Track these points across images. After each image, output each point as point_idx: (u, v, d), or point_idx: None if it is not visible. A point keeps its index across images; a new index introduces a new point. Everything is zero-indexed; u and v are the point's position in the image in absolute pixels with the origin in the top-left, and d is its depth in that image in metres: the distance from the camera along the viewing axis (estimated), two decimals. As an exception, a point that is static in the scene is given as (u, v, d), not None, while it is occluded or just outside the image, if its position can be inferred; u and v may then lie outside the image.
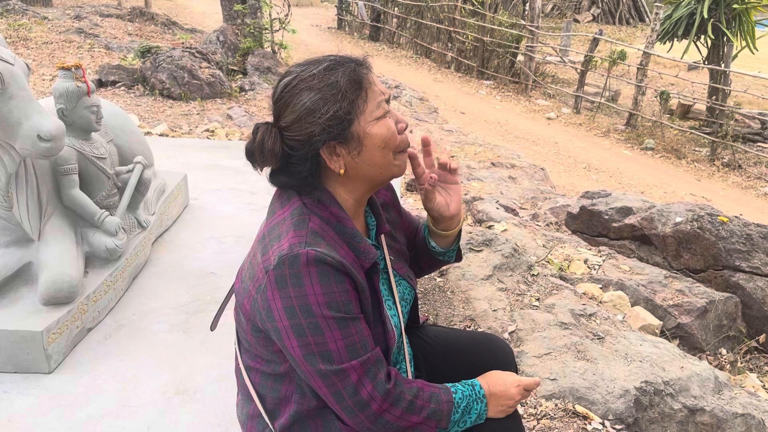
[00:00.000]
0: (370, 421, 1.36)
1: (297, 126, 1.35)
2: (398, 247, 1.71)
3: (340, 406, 1.35)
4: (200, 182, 3.67)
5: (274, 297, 1.30)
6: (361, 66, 1.39)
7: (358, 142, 1.36)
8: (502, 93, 14.40)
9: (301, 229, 1.33)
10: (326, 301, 1.29)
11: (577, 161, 10.55)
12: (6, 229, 2.24)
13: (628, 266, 4.01)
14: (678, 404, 2.76)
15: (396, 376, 1.40)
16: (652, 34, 12.10)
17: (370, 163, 1.39)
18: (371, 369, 1.35)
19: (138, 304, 2.55)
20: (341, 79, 1.34)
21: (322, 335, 1.29)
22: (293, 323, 1.29)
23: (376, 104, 1.37)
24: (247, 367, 1.54)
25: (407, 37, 17.98)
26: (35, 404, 2.02)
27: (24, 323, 2.11)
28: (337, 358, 1.31)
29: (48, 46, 9.66)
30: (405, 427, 1.38)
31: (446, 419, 1.42)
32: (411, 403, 1.38)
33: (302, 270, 1.27)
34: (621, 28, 25.03)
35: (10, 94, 1.98)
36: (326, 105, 1.33)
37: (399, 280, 1.64)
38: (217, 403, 2.06)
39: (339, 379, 1.32)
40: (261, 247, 1.38)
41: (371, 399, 1.34)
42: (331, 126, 1.33)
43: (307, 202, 1.40)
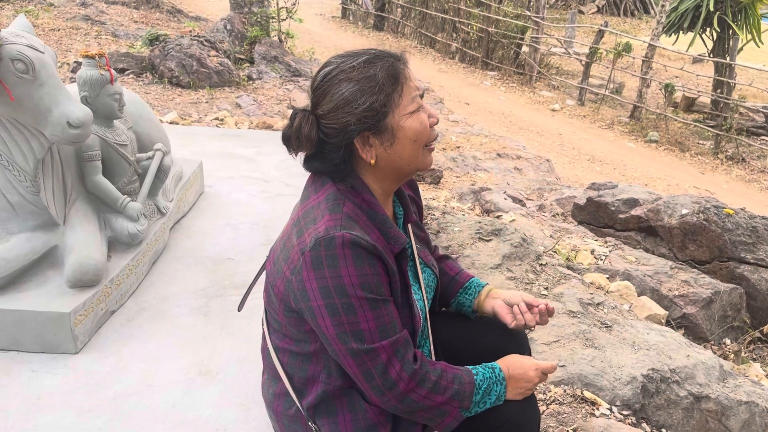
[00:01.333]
0: (397, 400, 1.41)
1: (333, 115, 1.41)
2: (423, 236, 1.78)
3: (369, 385, 1.41)
4: (214, 170, 3.72)
5: (310, 278, 1.36)
6: (398, 61, 1.46)
7: (391, 134, 1.43)
8: (507, 84, 14.42)
9: (336, 213, 1.40)
10: (360, 283, 1.35)
11: (581, 153, 10.59)
12: (33, 213, 2.29)
13: (634, 257, 4.07)
14: (684, 391, 2.82)
15: (422, 358, 1.46)
16: (658, 27, 12.10)
17: (401, 155, 1.45)
18: (400, 349, 1.41)
19: (159, 288, 2.61)
20: (379, 73, 1.40)
21: (355, 315, 1.36)
22: (327, 303, 1.35)
23: (411, 98, 1.43)
24: (275, 347, 1.60)
25: (411, 27, 17.96)
26: (64, 382, 2.09)
27: (52, 305, 2.18)
28: (369, 337, 1.37)
29: (55, 33, 9.67)
30: (429, 406, 1.44)
31: (468, 400, 1.47)
32: (436, 383, 1.44)
33: (338, 252, 1.34)
34: (626, 19, 24.97)
35: (41, 82, 2.03)
36: (363, 96, 1.39)
37: (424, 267, 1.70)
38: (239, 384, 2.12)
39: (369, 358, 1.38)
40: (296, 230, 1.44)
41: (399, 378, 1.39)
42: (366, 117, 1.40)
43: (340, 188, 1.46)
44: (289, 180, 3.76)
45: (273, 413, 1.69)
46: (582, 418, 2.61)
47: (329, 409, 1.55)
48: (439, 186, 5.36)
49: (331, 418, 1.55)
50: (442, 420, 1.47)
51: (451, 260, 1.93)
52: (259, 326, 2.37)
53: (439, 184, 5.39)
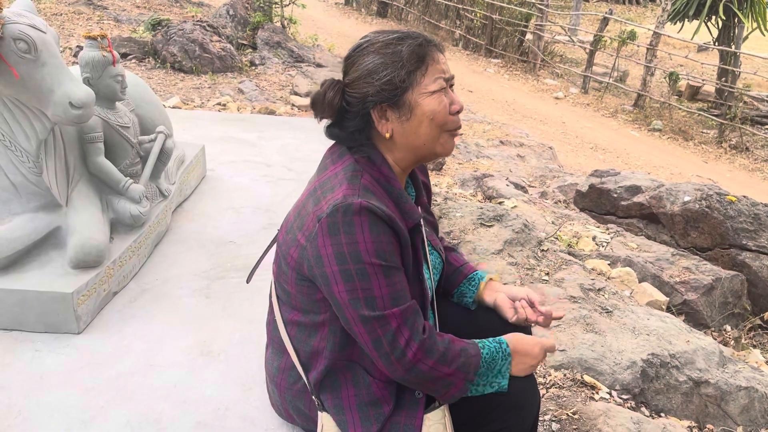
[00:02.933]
0: (404, 370, 1.43)
1: (356, 84, 1.46)
2: (431, 220, 1.79)
3: (377, 353, 1.42)
4: (216, 154, 3.72)
5: (325, 243, 1.38)
6: (430, 44, 1.48)
7: (408, 110, 1.45)
8: (510, 72, 14.36)
9: (354, 183, 1.42)
10: (375, 249, 1.37)
11: (584, 141, 10.57)
12: (36, 194, 2.30)
13: (636, 243, 4.08)
14: (683, 376, 2.83)
15: (430, 329, 1.48)
16: (663, 14, 12.03)
17: (416, 132, 1.47)
18: (410, 318, 1.42)
19: (161, 270, 2.62)
20: (405, 50, 1.43)
21: (369, 281, 1.38)
22: (342, 269, 1.37)
23: (433, 79, 1.45)
24: (284, 320, 1.62)
25: (415, 14, 17.87)
26: (66, 362, 2.10)
27: (55, 285, 2.19)
28: (381, 304, 1.39)
29: (58, 18, 9.64)
30: (436, 377, 1.45)
31: (473, 372, 1.49)
32: (443, 354, 1.45)
33: (354, 218, 1.36)
34: (630, 7, 24.82)
35: (43, 62, 2.03)
36: (385, 69, 1.43)
37: (431, 249, 1.72)
38: (240, 364, 2.14)
39: (380, 325, 1.39)
40: (313, 198, 1.46)
41: (408, 347, 1.41)
42: (384, 89, 1.43)
43: (359, 160, 1.49)
44: (291, 164, 3.76)
45: (276, 388, 1.71)
46: (581, 402, 2.62)
47: (333, 384, 1.57)
48: (441, 172, 5.36)
49: (335, 392, 1.57)
50: (447, 391, 1.49)
51: (456, 252, 1.94)
52: (260, 308, 2.39)
53: (442, 170, 5.40)
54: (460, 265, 1.90)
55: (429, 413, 1.56)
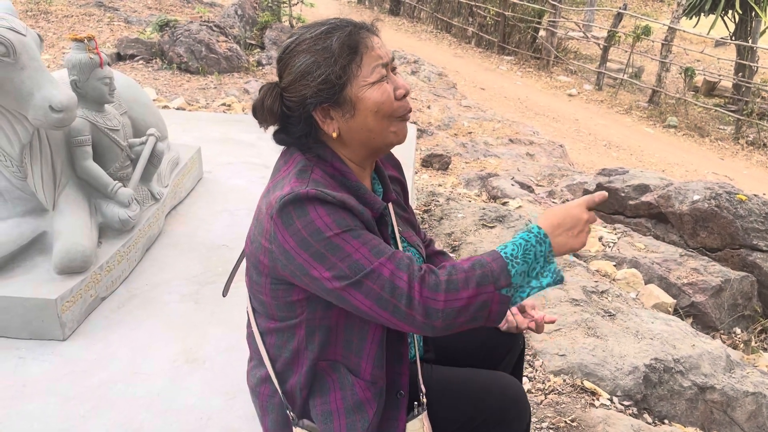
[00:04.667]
0: (423, 316, 1.27)
1: (293, 87, 1.38)
2: (407, 216, 1.72)
3: (387, 312, 1.28)
4: (214, 155, 3.69)
5: (285, 238, 1.30)
6: (360, 29, 1.39)
7: (351, 106, 1.38)
8: (523, 69, 14.22)
9: (303, 178, 1.35)
10: (333, 220, 1.28)
11: (597, 138, 10.43)
12: (21, 198, 2.27)
13: (644, 244, 3.98)
14: (688, 382, 2.75)
15: (428, 266, 1.33)
16: (678, 9, 11.84)
17: (363, 127, 1.40)
18: (402, 260, 1.30)
19: (150, 274, 2.59)
20: (335, 43, 1.35)
21: (343, 250, 1.28)
22: (311, 252, 1.29)
23: (371, 69, 1.37)
24: (261, 330, 1.55)
25: (428, 12, 17.78)
26: (49, 369, 2.07)
27: (39, 291, 2.16)
28: (366, 262, 1.28)
29: (68, 20, 9.70)
30: (462, 306, 1.27)
31: (504, 277, 1.28)
32: (448, 282, 1.28)
33: (305, 203, 1.29)
34: (647, 2, 24.50)
35: (22, 65, 2.00)
36: (319, 68, 1.35)
37: (407, 246, 1.65)
38: (225, 372, 2.09)
39: (373, 281, 1.28)
40: (265, 201, 1.39)
41: (410, 288, 1.27)
42: (322, 89, 1.35)
43: (309, 158, 1.42)
44: (290, 166, 3.71)
45: (257, 399, 1.66)
46: (581, 409, 2.55)
47: (323, 388, 1.49)
48: (447, 172, 5.29)
49: (324, 397, 1.49)
50: (487, 312, 1.29)
51: (446, 257, 1.87)
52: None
53: (447, 170, 5.33)
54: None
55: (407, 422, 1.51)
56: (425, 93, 8.79)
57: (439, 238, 3.57)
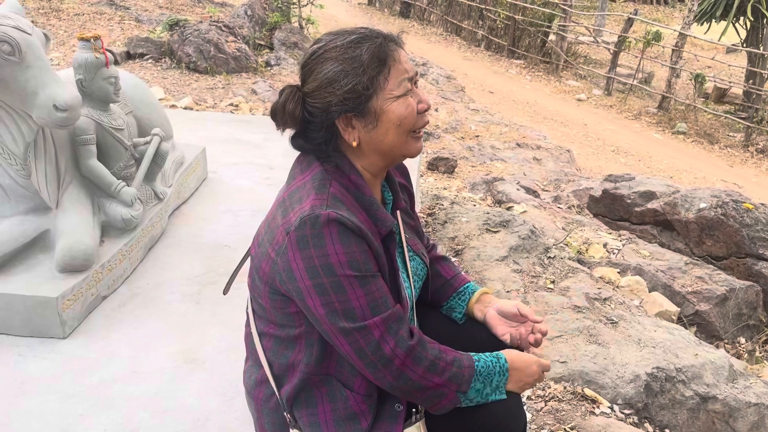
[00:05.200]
0: (393, 377, 1.37)
1: (317, 94, 1.38)
2: (413, 224, 1.73)
3: (363, 363, 1.37)
4: (220, 156, 3.69)
5: (296, 257, 1.32)
6: (389, 42, 1.40)
7: (374, 118, 1.38)
8: (532, 73, 14.20)
9: (322, 193, 1.36)
10: (347, 260, 1.31)
11: (605, 144, 10.40)
12: (24, 197, 2.29)
13: (648, 251, 3.96)
14: (690, 391, 2.73)
15: (419, 335, 1.42)
16: (689, 15, 11.78)
17: (384, 139, 1.41)
18: (393, 326, 1.37)
19: (153, 274, 2.60)
20: (365, 54, 1.35)
21: (345, 293, 1.32)
22: (315, 283, 1.32)
23: (398, 82, 1.38)
24: (259, 332, 1.57)
25: (438, 14, 17.78)
26: (49, 368, 2.08)
27: (40, 289, 2.17)
28: (360, 315, 1.33)
29: (79, 18, 9.75)
30: (425, 386, 1.40)
31: (467, 384, 1.42)
32: (433, 363, 1.39)
33: (324, 230, 1.30)
34: (659, 8, 24.42)
35: (27, 64, 2.01)
36: (346, 77, 1.35)
37: (413, 255, 1.66)
38: (224, 373, 2.10)
39: (361, 335, 1.34)
40: (281, 210, 1.41)
41: (394, 355, 1.35)
42: (348, 98, 1.36)
43: (327, 168, 1.43)
44: (295, 167, 3.71)
45: (253, 401, 1.66)
46: (581, 416, 2.53)
47: (309, 400, 1.51)
48: (453, 175, 5.29)
49: (311, 409, 1.51)
50: (438, 401, 1.43)
51: (448, 263, 1.87)
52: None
53: (453, 173, 5.32)
54: (451, 277, 1.82)
55: (404, 430, 1.50)
56: (433, 96, 8.78)
57: (442, 242, 3.56)
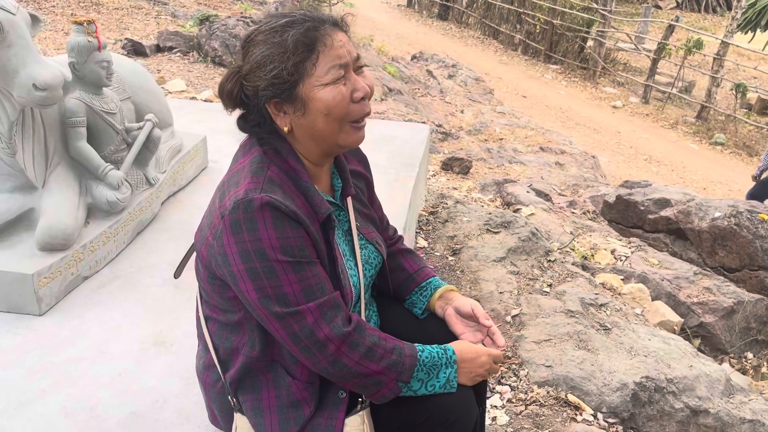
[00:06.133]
0: (328, 362, 1.36)
1: (249, 77, 1.37)
2: (366, 212, 1.70)
3: (297, 348, 1.36)
4: (223, 146, 3.71)
5: (230, 242, 1.31)
6: (321, 26, 1.36)
7: (302, 104, 1.36)
8: (569, 78, 13.99)
9: (258, 176, 1.35)
10: (280, 245, 1.30)
11: (638, 152, 10.18)
12: (10, 175, 2.32)
13: (657, 260, 3.84)
14: (680, 403, 2.63)
15: (358, 321, 1.40)
16: (733, 23, 11.46)
17: (314, 126, 1.38)
18: (328, 312, 1.35)
19: (137, 257, 2.62)
20: (290, 39, 1.33)
21: (278, 278, 1.31)
22: (248, 267, 1.31)
23: (327, 69, 1.34)
24: (205, 317, 1.58)
25: (476, 18, 17.67)
26: (20, 343, 2.11)
27: (17, 265, 2.20)
28: (293, 300, 1.32)
29: (118, 12, 9.97)
30: (363, 374, 1.38)
31: (407, 374, 1.41)
32: (370, 349, 1.38)
33: (256, 214, 1.29)
34: (706, 16, 23.82)
35: (9, 42, 2.05)
36: (272, 63, 1.33)
37: (365, 243, 1.63)
38: (190, 357, 2.09)
39: (295, 320, 1.33)
40: (219, 194, 1.41)
41: (328, 340, 1.34)
42: (274, 84, 1.34)
43: (266, 152, 1.41)
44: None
45: (202, 385, 1.66)
46: (561, 422, 2.46)
47: (254, 385, 1.50)
48: (467, 176, 5.22)
49: (255, 393, 1.50)
50: (377, 390, 1.41)
51: (413, 256, 1.84)
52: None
53: (468, 174, 5.25)
54: (414, 272, 1.79)
55: (347, 418, 1.48)
56: (460, 97, 8.71)
57: (441, 240, 3.52)
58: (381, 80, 7.23)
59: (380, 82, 7.11)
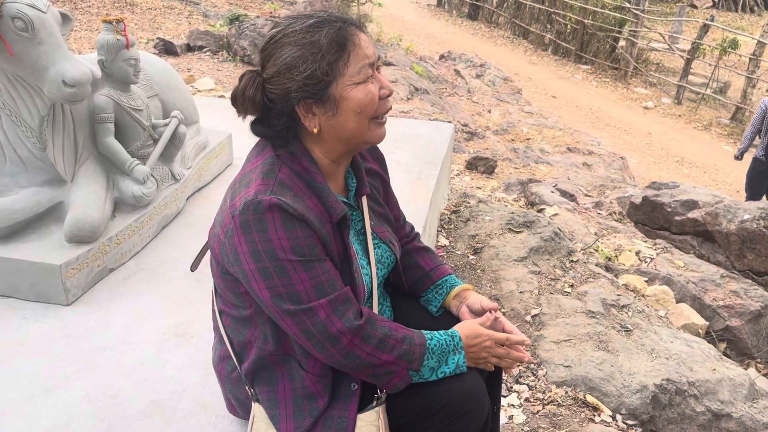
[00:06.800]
0: (341, 355, 1.38)
1: (276, 80, 1.37)
2: (381, 211, 1.71)
3: (310, 342, 1.38)
4: (249, 143, 3.75)
5: (240, 241, 1.34)
6: (349, 26, 1.38)
7: (334, 104, 1.37)
8: (599, 79, 13.83)
9: (269, 178, 1.37)
10: (291, 246, 1.32)
11: (669, 154, 10.02)
12: (41, 168, 2.40)
13: (683, 262, 3.79)
14: (701, 407, 2.60)
15: (369, 314, 1.42)
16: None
17: (345, 126, 1.39)
18: (339, 307, 1.37)
19: (161, 251, 2.67)
20: (323, 39, 1.33)
21: (289, 277, 1.33)
22: (259, 266, 1.33)
23: (358, 68, 1.36)
24: (219, 310, 1.61)
25: (506, 17, 17.56)
26: (48, 332, 2.17)
27: (46, 256, 2.27)
28: (305, 297, 1.34)
29: (151, 12, 10.15)
30: (375, 364, 1.40)
31: (418, 362, 1.43)
32: (381, 341, 1.40)
33: (266, 215, 1.31)
34: (743, 15, 23.32)
35: (40, 40, 2.11)
36: (305, 63, 1.33)
37: (378, 242, 1.64)
38: (208, 348, 2.12)
39: (307, 317, 1.35)
40: (231, 193, 1.43)
41: (340, 334, 1.36)
42: (307, 85, 1.34)
43: (279, 154, 1.42)
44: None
45: (218, 375, 1.70)
46: (578, 423, 2.45)
47: (270, 377, 1.53)
48: (491, 176, 5.21)
49: (271, 386, 1.53)
50: (389, 380, 1.43)
51: (429, 254, 1.85)
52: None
53: (493, 174, 5.24)
54: (430, 269, 1.80)
55: (362, 413, 1.50)
56: (488, 97, 8.67)
57: (462, 239, 3.52)
58: (408, 80, 7.24)
59: (407, 81, 7.12)
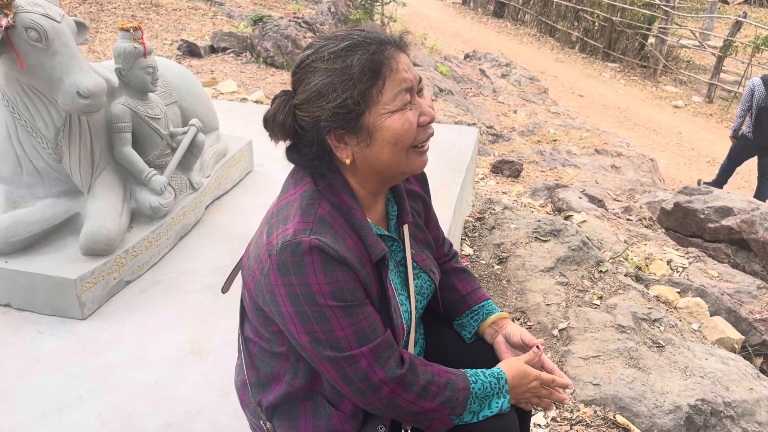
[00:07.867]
0: (381, 403, 1.31)
1: (306, 107, 1.27)
2: (422, 236, 1.61)
3: (349, 389, 1.30)
4: (269, 149, 3.68)
5: (277, 283, 1.25)
6: (386, 47, 1.26)
7: (367, 135, 1.27)
8: (628, 77, 13.57)
9: (308, 215, 1.27)
10: (330, 291, 1.23)
11: (700, 154, 9.78)
12: (57, 179, 2.36)
13: (717, 272, 3.65)
14: (738, 429, 2.48)
15: (411, 360, 1.35)
16: (805, 19, 10.87)
17: (379, 157, 1.29)
18: (382, 354, 1.29)
19: (180, 261, 2.63)
20: (356, 65, 1.23)
21: (329, 323, 1.25)
22: (298, 310, 1.25)
23: (394, 95, 1.25)
24: (246, 337, 1.53)
25: (532, 15, 17.34)
26: (63, 347, 2.14)
27: (61, 270, 2.23)
28: (346, 345, 1.26)
29: (176, 13, 10.19)
30: (418, 412, 1.33)
31: (461, 407, 1.36)
32: (424, 388, 1.33)
33: (305, 258, 1.22)
34: (778, 11, 22.72)
35: (54, 51, 2.07)
36: (335, 91, 1.23)
37: (418, 273, 1.55)
38: (225, 366, 2.08)
39: (348, 364, 1.27)
40: (267, 227, 1.32)
41: (382, 383, 1.29)
42: (338, 114, 1.24)
43: (319, 186, 1.33)
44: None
45: (240, 401, 1.64)
46: (608, 445, 2.35)
47: (291, 412, 1.45)
48: (517, 180, 5.09)
49: (292, 421, 1.45)
50: (430, 424, 1.37)
51: (467, 276, 1.75)
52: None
53: (519, 177, 5.12)
54: (466, 293, 1.71)
55: None
56: (513, 97, 8.54)
57: (487, 248, 3.43)
58: (432, 80, 7.14)
59: (431, 82, 7.02)
